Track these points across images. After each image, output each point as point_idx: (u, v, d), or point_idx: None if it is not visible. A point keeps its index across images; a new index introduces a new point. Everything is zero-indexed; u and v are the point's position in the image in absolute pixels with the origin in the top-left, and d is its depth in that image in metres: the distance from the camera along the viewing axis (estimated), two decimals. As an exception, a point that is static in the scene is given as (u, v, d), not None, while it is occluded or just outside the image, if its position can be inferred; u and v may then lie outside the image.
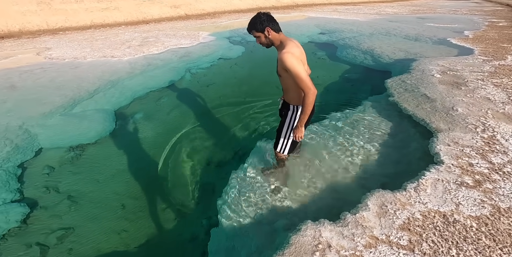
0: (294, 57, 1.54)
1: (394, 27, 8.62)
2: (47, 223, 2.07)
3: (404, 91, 3.26)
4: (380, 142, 2.57)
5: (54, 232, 1.99)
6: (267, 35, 1.65)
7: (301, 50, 1.67)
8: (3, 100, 3.63)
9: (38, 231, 2.00)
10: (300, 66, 1.55)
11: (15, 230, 2.00)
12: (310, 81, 1.57)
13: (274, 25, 1.64)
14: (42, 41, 7.37)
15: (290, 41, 1.66)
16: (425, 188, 1.72)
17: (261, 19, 1.61)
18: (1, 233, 1.96)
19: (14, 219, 2.06)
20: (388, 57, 5.22)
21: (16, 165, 2.58)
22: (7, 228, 2.00)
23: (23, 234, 1.98)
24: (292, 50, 1.57)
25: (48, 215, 2.13)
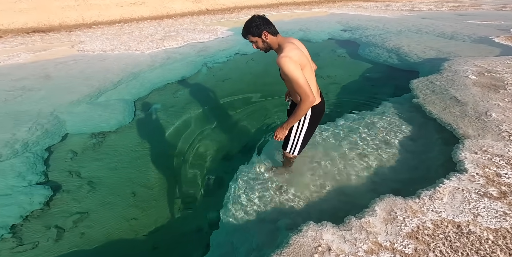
0: (291, 61, 1.44)
1: (427, 24, 8.04)
2: (66, 206, 2.19)
3: (431, 93, 3.04)
4: (398, 145, 2.42)
5: (72, 216, 2.10)
6: (265, 40, 1.57)
7: (300, 51, 1.56)
8: (39, 88, 3.96)
9: (58, 214, 2.12)
10: (298, 71, 1.46)
11: (37, 212, 2.13)
12: (308, 88, 1.47)
13: (271, 28, 1.55)
14: (77, 34, 7.89)
15: (289, 43, 1.56)
16: (441, 197, 1.60)
17: (257, 23, 1.53)
18: (25, 214, 2.09)
19: (38, 201, 2.19)
20: (416, 56, 4.88)
21: (44, 149, 2.79)
22: (31, 209, 2.12)
23: (44, 216, 2.10)
24: (289, 54, 1.47)
25: (68, 198, 2.26)
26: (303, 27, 8.33)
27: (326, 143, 2.52)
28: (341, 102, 3.61)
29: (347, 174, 2.16)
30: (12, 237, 1.92)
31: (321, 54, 5.84)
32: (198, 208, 2.17)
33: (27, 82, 4.18)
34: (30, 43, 6.83)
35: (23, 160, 2.57)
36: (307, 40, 7.08)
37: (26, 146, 2.76)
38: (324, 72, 4.74)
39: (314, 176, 2.15)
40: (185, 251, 1.86)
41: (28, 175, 2.43)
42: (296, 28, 8.30)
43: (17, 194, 2.22)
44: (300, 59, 1.50)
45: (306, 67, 1.57)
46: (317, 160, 2.31)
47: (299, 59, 1.49)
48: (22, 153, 2.68)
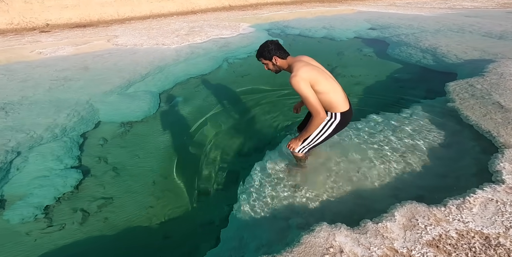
0: (301, 80, 1.55)
1: (471, 23, 7.36)
2: (92, 191, 2.32)
3: (470, 97, 2.79)
4: (426, 151, 2.27)
5: (97, 200, 2.21)
6: (275, 63, 1.75)
7: (310, 66, 1.65)
8: (78, 79, 4.30)
9: (85, 197, 2.25)
10: (308, 89, 1.57)
11: (68, 194, 2.27)
12: (319, 105, 1.58)
13: (281, 53, 1.72)
14: (112, 29, 8.41)
15: (298, 62, 1.67)
16: (471, 207, 1.48)
17: (269, 48, 1.70)
18: (58, 196, 2.23)
19: (70, 184, 2.34)
20: (455, 57, 4.50)
21: (79, 134, 3.02)
22: (63, 191, 2.28)
23: (73, 199, 2.23)
24: (299, 73, 1.57)
25: (94, 183, 2.40)
26: (327, 25, 8.06)
27: (346, 144, 2.44)
28: (364, 103, 3.45)
29: (366, 176, 2.07)
30: (44, 218, 2.05)
31: (346, 53, 5.60)
32: (211, 201, 2.20)
33: (68, 73, 4.57)
34: (72, 37, 7.43)
35: (61, 144, 2.80)
36: (330, 39, 6.84)
37: (64, 131, 3.02)
38: (347, 71, 4.56)
39: (331, 177, 2.10)
40: (196, 242, 1.90)
41: (65, 158, 2.63)
42: (319, 26, 8.04)
43: (54, 176, 2.39)
44: (310, 75, 1.59)
45: (320, 80, 1.61)
46: (335, 160, 2.25)
47: (309, 76, 1.58)
48: (61, 137, 2.93)
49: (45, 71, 4.66)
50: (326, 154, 2.31)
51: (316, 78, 1.60)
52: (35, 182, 2.34)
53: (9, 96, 3.71)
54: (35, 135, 2.89)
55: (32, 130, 2.95)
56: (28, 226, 2.00)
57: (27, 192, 2.24)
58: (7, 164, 2.51)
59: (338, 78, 4.32)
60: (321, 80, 1.62)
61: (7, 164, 2.51)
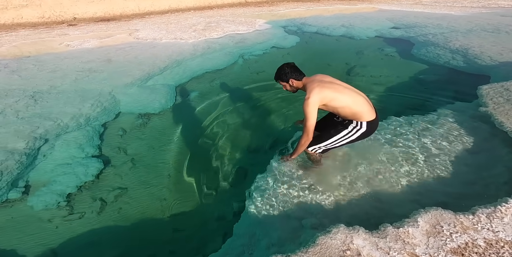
0: (311, 103, 1.67)
1: (507, 22, 6.86)
2: (111, 180, 2.37)
3: (505, 102, 2.60)
4: (453, 157, 2.14)
5: (114, 190, 2.25)
6: (292, 85, 1.87)
7: (323, 84, 1.73)
8: (102, 71, 4.45)
9: (103, 187, 2.30)
10: (314, 113, 1.70)
11: (89, 183, 2.33)
12: (312, 130, 1.73)
13: (297, 75, 1.84)
14: (133, 23, 8.63)
15: (311, 83, 1.76)
16: (502, 216, 1.38)
17: (285, 72, 1.84)
18: (79, 185, 2.29)
19: (91, 173, 2.40)
20: (489, 59, 4.21)
21: (101, 124, 3.12)
22: (85, 180, 2.33)
23: (93, 188, 2.28)
24: (311, 95, 1.68)
25: (113, 173, 2.45)
26: (346, 23, 7.78)
27: (366, 145, 2.35)
28: (385, 103, 3.32)
29: (385, 180, 1.99)
30: (66, 206, 2.11)
31: (365, 52, 5.39)
32: (223, 196, 2.20)
33: (93, 64, 4.74)
34: (97, 31, 7.70)
35: (84, 133, 2.90)
36: (349, 37, 6.61)
37: (88, 120, 3.14)
38: (367, 71, 4.39)
39: (348, 178, 2.03)
40: (206, 237, 1.91)
41: (87, 147, 2.71)
42: (337, 24, 7.78)
43: (76, 164, 2.47)
44: (323, 95, 1.69)
45: (336, 96, 1.70)
46: (353, 161, 2.17)
47: (321, 97, 1.69)
48: (84, 126, 3.04)
49: (72, 62, 4.87)
50: (344, 154, 2.24)
51: (330, 97, 1.70)
52: (59, 170, 2.42)
53: (39, 85, 3.91)
54: (62, 123, 3.02)
55: (59, 118, 3.08)
56: (50, 212, 2.06)
57: (51, 179, 2.32)
58: (35, 150, 2.63)
59: (356, 78, 4.18)
60: (337, 96, 1.70)
61: (35, 150, 2.63)
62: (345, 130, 1.82)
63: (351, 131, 1.80)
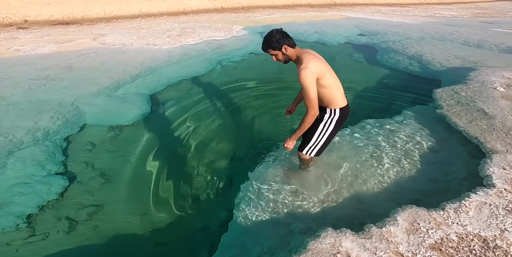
0: (310, 73, 1.55)
1: (450, 31, 7.80)
2: (80, 198, 2.18)
3: (456, 104, 2.93)
4: (418, 156, 2.35)
5: (85, 208, 2.08)
6: (285, 52, 1.67)
7: (318, 61, 1.63)
8: (61, 79, 4.07)
9: (72, 205, 2.11)
10: (313, 85, 1.58)
11: (53, 202, 2.12)
12: (316, 103, 1.60)
13: (290, 41, 1.66)
14: (98, 28, 8.10)
15: (307, 54, 1.66)
16: (467, 210, 1.54)
17: (277, 38, 1.63)
18: (41, 204, 2.08)
19: (55, 191, 2.18)
20: (439, 65, 4.73)
21: (63, 138, 2.83)
22: (47, 199, 2.12)
23: (58, 207, 2.09)
24: (309, 65, 1.57)
25: (82, 190, 2.26)
26: (318, 30, 8.25)
27: (343, 149, 2.47)
28: (357, 109, 3.53)
29: (364, 181, 2.11)
30: (27, 227, 1.91)
31: (337, 58, 5.75)
32: (208, 207, 2.15)
33: (51, 72, 4.32)
34: (54, 34, 7.06)
35: (43, 149, 2.61)
36: (322, 44, 6.99)
37: (47, 135, 2.83)
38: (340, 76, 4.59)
39: (330, 182, 2.11)
40: (193, 249, 1.85)
41: (47, 164, 2.45)
42: (311, 30, 8.21)
43: (36, 183, 2.23)
44: (319, 68, 1.60)
45: (327, 74, 1.65)
46: (333, 166, 2.27)
47: (318, 69, 1.59)
48: (43, 141, 2.74)
49: (23, 69, 4.38)
50: (324, 159, 2.32)
51: (323, 72, 1.62)
52: (14, 190, 2.16)
53: (-16, 96, 3.45)
54: (14, 138, 2.69)
55: (10, 133, 2.74)
56: (9, 236, 1.86)
57: (6, 200, 2.07)
58: (-17, 170, 2.31)
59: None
60: (327, 74, 1.64)
61: (-17, 170, 2.31)
62: (321, 123, 1.82)
63: (327, 121, 1.80)
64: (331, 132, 1.83)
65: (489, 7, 18.47)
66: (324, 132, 1.83)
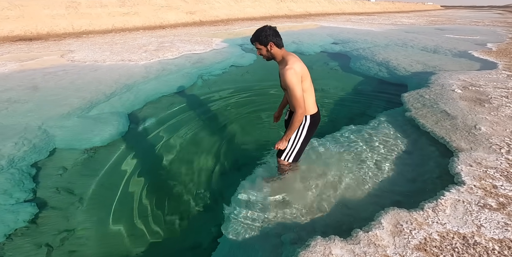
0: (295, 74, 1.61)
1: (411, 38, 8.52)
2: (54, 224, 2.06)
3: (422, 107, 3.16)
4: (395, 158, 2.48)
5: (59, 234, 1.97)
6: (269, 49, 1.70)
7: (302, 65, 1.70)
8: (25, 101, 3.80)
9: (45, 232, 1.99)
10: (298, 85, 1.62)
11: (22, 229, 1.99)
12: (303, 102, 1.65)
13: (278, 40, 1.69)
14: (66, 44, 7.75)
15: (292, 56, 1.70)
16: (444, 208, 1.63)
17: (267, 33, 1.66)
18: (8, 233, 1.95)
19: (23, 219, 2.05)
20: (404, 70, 5.12)
21: (30, 164, 2.63)
22: (15, 227, 1.99)
23: (30, 234, 1.97)
24: (294, 66, 1.62)
25: (56, 216, 2.13)
26: (296, 40, 8.62)
27: (325, 156, 2.54)
28: (336, 115, 3.69)
29: (347, 186, 2.17)
30: None
31: (314, 67, 6.01)
32: (196, 224, 2.09)
33: (13, 93, 4.02)
34: (16, 52, 6.63)
35: (8, 176, 2.42)
36: (300, 53, 7.30)
37: (11, 162, 2.61)
38: (318, 84, 4.84)
39: (315, 189, 2.15)
40: None
41: (14, 192, 2.29)
42: (289, 40, 8.55)
43: (2, 212, 2.08)
44: (302, 71, 1.67)
45: (307, 79, 1.74)
46: (317, 173, 2.32)
47: (301, 71, 1.66)
48: (7, 169, 2.52)
49: (-18, 92, 4.05)
50: (308, 167, 2.37)
51: (305, 76, 1.69)
52: None
53: None
54: (-26, 168, 2.44)
55: (-31, 162, 2.49)
56: None
57: None
58: None
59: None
60: (307, 79, 1.71)
61: None
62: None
63: (299, 128, 1.87)
64: (304, 137, 1.92)
65: (440, 15, 20.49)
66: (298, 138, 1.92)
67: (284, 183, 2.21)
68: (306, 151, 2.58)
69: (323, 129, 3.24)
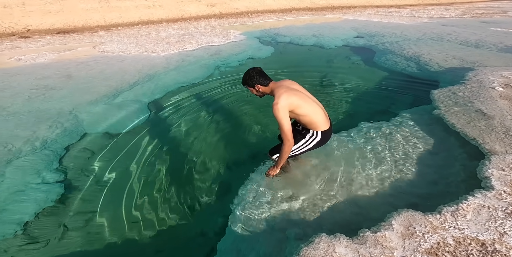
0: (281, 108, 1.71)
1: (448, 31, 7.80)
2: (78, 205, 2.21)
3: (454, 105, 2.91)
4: (416, 158, 2.32)
5: (82, 215, 2.10)
6: (258, 89, 1.90)
7: (291, 90, 1.78)
8: (60, 88, 4.12)
9: (69, 212, 2.14)
10: (286, 119, 1.72)
11: (49, 209, 2.15)
12: (290, 134, 1.75)
13: (263, 80, 1.86)
14: (98, 36, 8.22)
15: (279, 88, 1.80)
16: (465, 213, 1.51)
17: (251, 77, 1.85)
18: (37, 211, 2.11)
19: (51, 199, 2.21)
20: (437, 65, 4.72)
21: (62, 147, 2.86)
22: (45, 206, 2.15)
23: (56, 214, 2.12)
24: (280, 101, 1.71)
25: (80, 197, 2.28)
26: (316, 33, 8.29)
27: (339, 152, 2.45)
28: (355, 111, 3.52)
29: (360, 185, 2.09)
30: (23, 234, 1.93)
31: (335, 61, 5.76)
32: (203, 213, 2.15)
33: (50, 81, 4.37)
34: (55, 43, 7.18)
35: (41, 158, 2.64)
36: (320, 47, 7.01)
37: (45, 144, 2.86)
38: (338, 79, 4.67)
39: (326, 186, 2.09)
40: (189, 255, 1.84)
41: (46, 172, 2.48)
42: (309, 33, 8.26)
43: (34, 191, 2.26)
44: (291, 101, 1.74)
45: (301, 104, 1.78)
46: (329, 170, 2.25)
47: (289, 102, 1.73)
48: (41, 150, 2.76)
49: (24, 79, 4.45)
50: (321, 163, 2.31)
51: (296, 103, 1.76)
52: (13, 198, 2.19)
53: (-16, 106, 3.50)
54: (13, 148, 2.71)
55: (10, 142, 2.77)
56: (6, 242, 1.87)
57: (3, 207, 2.11)
58: (-18, 179, 2.34)
59: (328, 86, 4.40)
60: (301, 104, 1.77)
61: (-18, 179, 2.34)
62: (303, 139, 1.96)
63: (308, 140, 1.95)
64: (308, 149, 1.99)
65: (487, 7, 18.48)
66: (303, 147, 1.99)
67: (293, 178, 2.18)
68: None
69: (341, 124, 3.12)
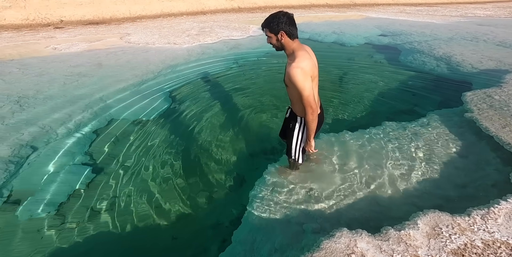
0: (303, 73, 1.43)
1: (484, 31, 7.30)
2: (104, 189, 2.28)
3: (489, 108, 2.76)
4: (444, 161, 2.24)
5: (107, 199, 2.17)
6: (279, 39, 1.49)
7: (312, 64, 1.52)
8: (92, 75, 4.34)
9: (95, 195, 2.21)
10: (308, 83, 1.46)
11: (80, 191, 2.24)
12: (313, 100, 1.50)
13: (292, 30, 1.46)
14: (124, 27, 8.51)
15: (303, 52, 1.51)
16: (496, 217, 1.45)
17: (279, 20, 1.43)
18: (70, 193, 2.19)
19: (82, 181, 2.31)
20: (471, 67, 4.46)
21: (92, 131, 3.01)
22: (75, 188, 2.24)
23: (85, 197, 2.20)
24: (302, 65, 1.44)
25: (106, 181, 2.36)
26: (336, 30, 8.06)
27: (361, 150, 2.41)
28: (377, 109, 3.42)
29: (382, 183, 2.05)
30: (56, 215, 2.01)
31: (356, 59, 5.57)
32: (219, 203, 2.17)
33: (82, 69, 4.62)
34: (86, 34, 7.53)
35: (74, 140, 2.80)
36: (341, 44, 6.82)
37: (78, 127, 3.03)
38: (358, 77, 4.54)
39: (346, 183, 2.07)
40: (204, 243, 1.87)
41: (77, 155, 2.61)
42: (328, 30, 8.03)
43: (66, 173, 2.38)
44: (311, 70, 1.49)
45: (314, 80, 1.58)
46: (351, 167, 2.22)
47: (310, 71, 1.48)
48: (74, 133, 2.93)
49: (59, 66, 4.72)
50: (341, 160, 2.29)
51: (313, 77, 1.53)
52: (47, 178, 2.32)
53: (24, 90, 3.75)
54: (50, 130, 2.90)
55: (47, 124, 2.97)
56: (39, 222, 1.96)
57: (39, 188, 2.23)
58: (20, 158, 2.50)
59: (348, 84, 4.30)
60: (314, 80, 1.57)
61: (20, 158, 2.50)
62: (294, 132, 1.83)
63: (299, 130, 1.81)
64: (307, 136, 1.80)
65: (530, 6, 17.05)
66: (300, 139, 1.86)
67: (313, 172, 2.18)
68: (342, 142, 2.50)
69: (362, 122, 3.06)
